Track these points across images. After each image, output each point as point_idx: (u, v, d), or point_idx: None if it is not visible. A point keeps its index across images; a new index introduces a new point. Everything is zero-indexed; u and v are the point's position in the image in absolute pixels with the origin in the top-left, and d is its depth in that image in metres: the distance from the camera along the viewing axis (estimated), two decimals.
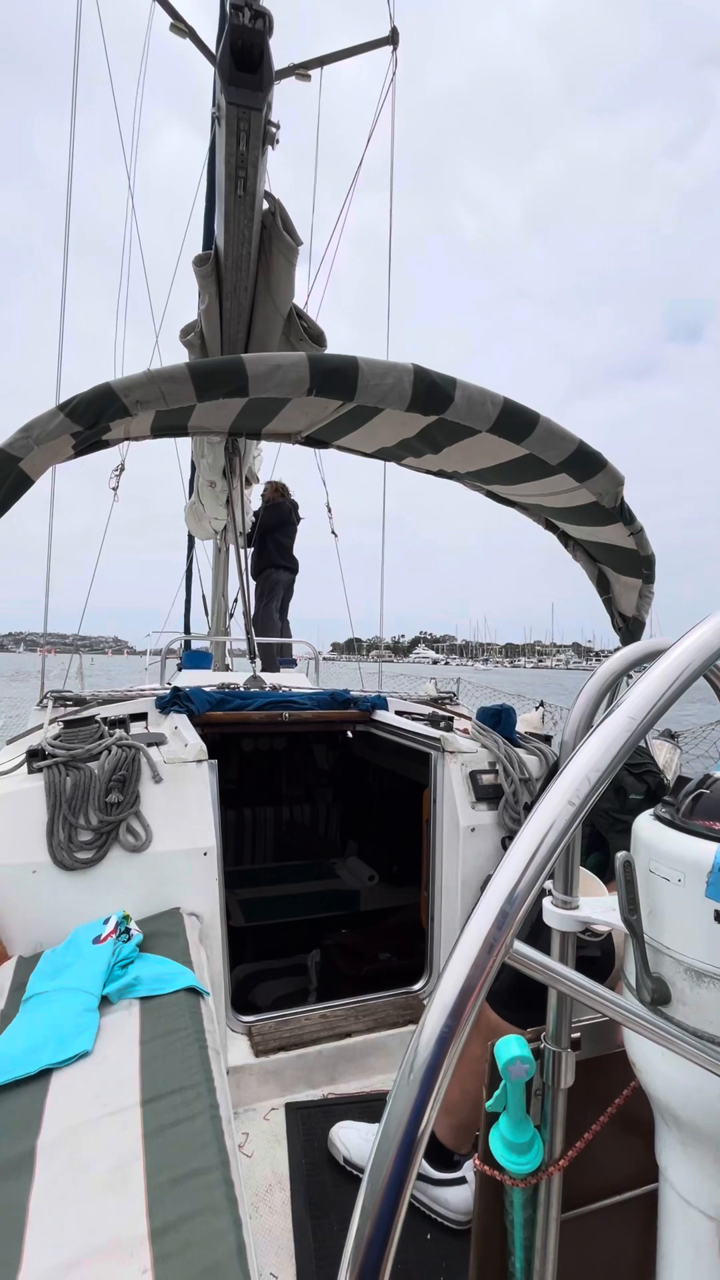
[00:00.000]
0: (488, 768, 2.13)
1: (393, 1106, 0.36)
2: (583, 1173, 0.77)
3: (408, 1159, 0.35)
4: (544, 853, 0.42)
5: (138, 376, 1.38)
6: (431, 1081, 0.36)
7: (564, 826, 0.42)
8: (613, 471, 1.76)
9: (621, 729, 0.47)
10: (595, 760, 0.45)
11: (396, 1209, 0.34)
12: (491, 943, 0.38)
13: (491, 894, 0.40)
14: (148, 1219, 0.78)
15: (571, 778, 0.45)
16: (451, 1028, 0.36)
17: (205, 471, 3.41)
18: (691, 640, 0.53)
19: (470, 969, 0.38)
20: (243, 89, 1.87)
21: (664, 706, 0.51)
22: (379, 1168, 0.35)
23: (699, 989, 0.61)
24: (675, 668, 0.51)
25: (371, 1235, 0.34)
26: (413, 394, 1.54)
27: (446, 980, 0.38)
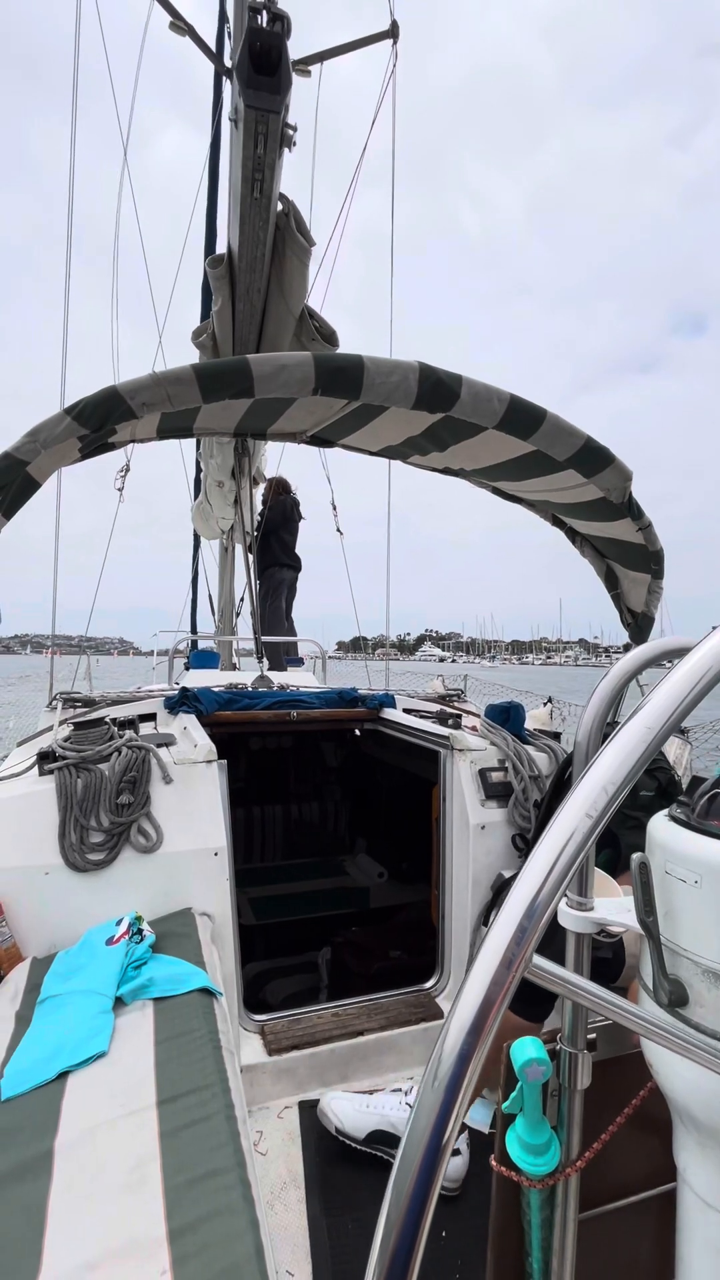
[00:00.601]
0: (497, 765, 2.12)
1: (415, 1118, 0.36)
2: (600, 1173, 0.77)
3: (432, 1170, 0.35)
4: (562, 865, 0.41)
5: (143, 379, 1.38)
6: (454, 1096, 0.36)
7: (581, 839, 0.42)
8: (620, 466, 1.74)
9: (639, 739, 0.46)
10: (612, 772, 0.45)
11: (421, 1220, 0.34)
12: (510, 958, 0.38)
13: (510, 908, 0.40)
14: (166, 1220, 0.78)
15: (588, 790, 0.45)
16: (472, 1043, 0.36)
17: (213, 472, 3.42)
18: (709, 645, 0.52)
19: (489, 985, 0.38)
20: (261, 92, 1.86)
21: (681, 715, 0.50)
22: (403, 1178, 0.35)
23: (717, 990, 0.60)
24: (692, 675, 0.51)
25: (396, 1246, 0.34)
26: (418, 392, 1.53)
27: (466, 995, 0.38)
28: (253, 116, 1.89)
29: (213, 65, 5.30)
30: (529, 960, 0.39)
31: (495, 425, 1.62)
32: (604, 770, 0.46)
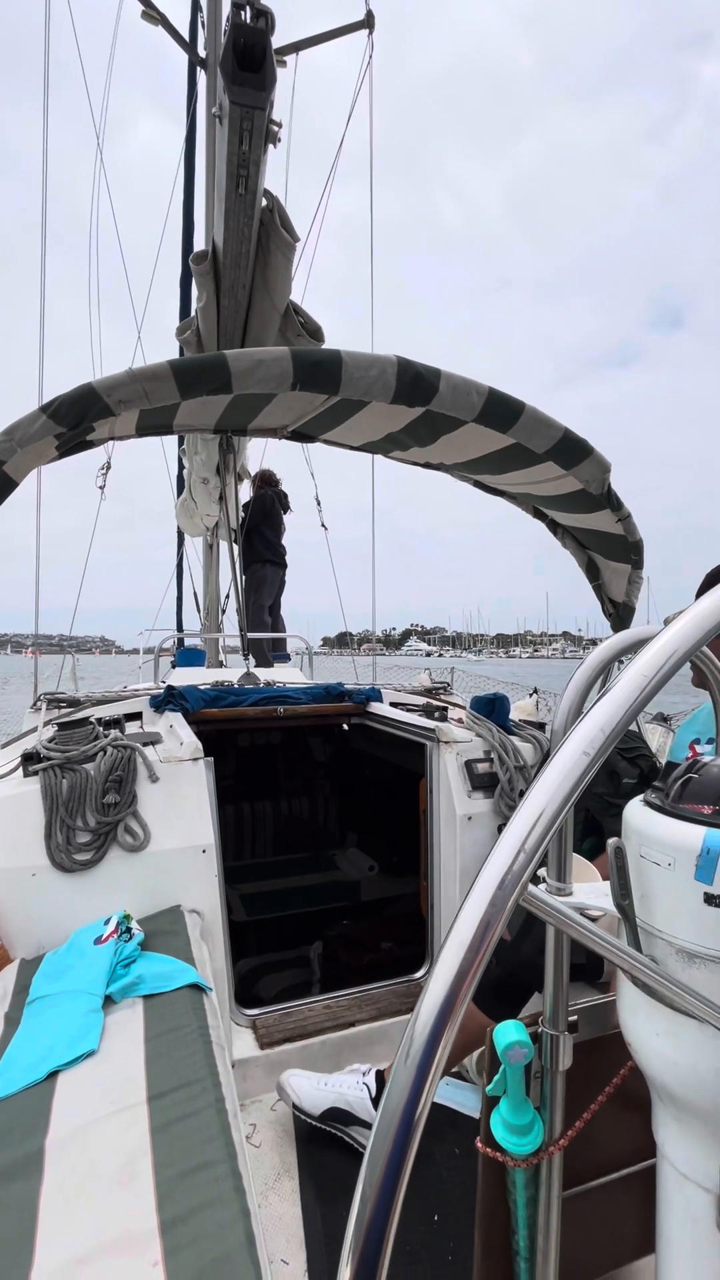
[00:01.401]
0: (483, 756, 2.14)
1: (391, 1090, 0.37)
2: (583, 1151, 0.78)
3: (406, 1142, 0.36)
4: (531, 843, 0.42)
5: (120, 376, 1.37)
6: (425, 1072, 0.37)
7: (550, 819, 0.43)
8: (599, 458, 1.76)
9: (613, 711, 0.48)
10: (586, 741, 0.46)
11: (396, 1190, 0.35)
12: (479, 942, 0.39)
13: (480, 887, 0.41)
14: (157, 1213, 0.79)
15: (565, 759, 0.46)
16: (444, 1019, 0.37)
17: (198, 468, 3.40)
18: (673, 631, 0.53)
19: (461, 961, 0.39)
20: (246, 88, 1.85)
21: (653, 690, 0.52)
22: (379, 1149, 0.36)
23: (690, 969, 0.62)
24: (660, 656, 0.52)
25: (372, 1218, 0.35)
26: (397, 385, 1.53)
27: (439, 972, 0.39)
28: (238, 113, 1.88)
29: (185, 54, 5.24)
30: (493, 944, 0.40)
31: (474, 418, 1.63)
32: (577, 744, 0.47)
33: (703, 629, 0.58)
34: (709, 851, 0.62)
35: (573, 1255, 0.80)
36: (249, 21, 1.77)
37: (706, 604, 0.58)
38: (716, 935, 0.60)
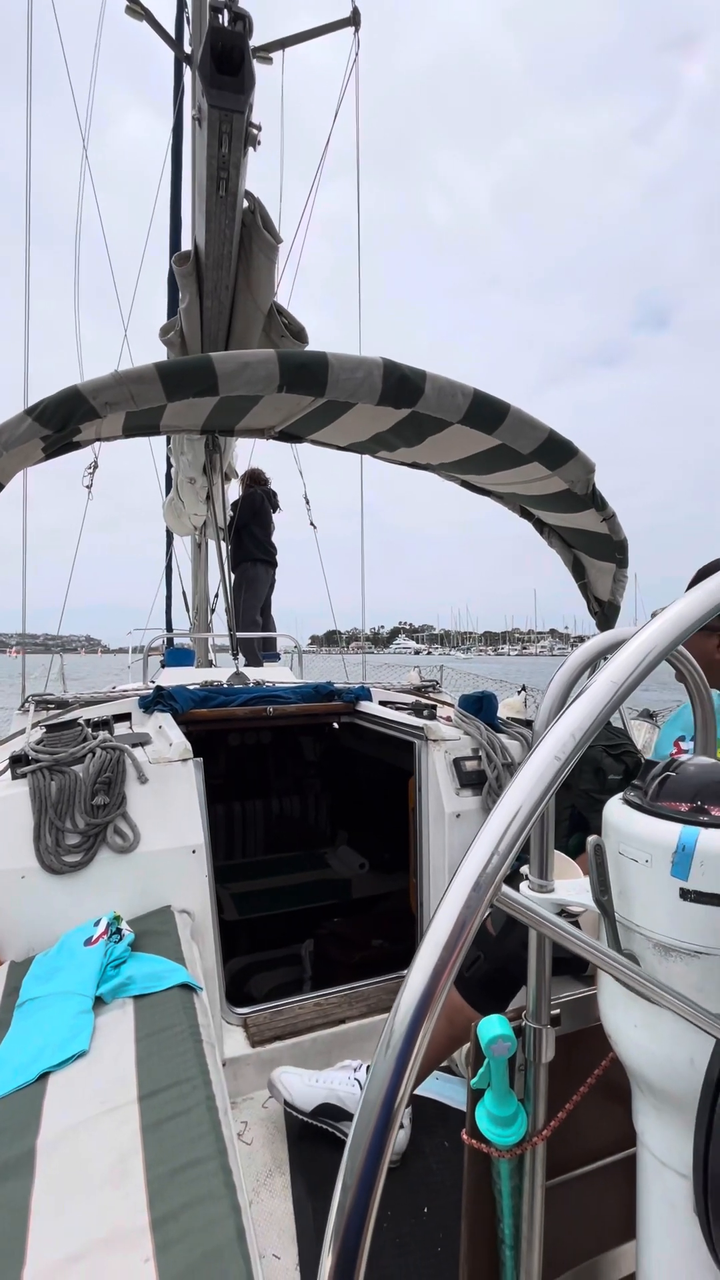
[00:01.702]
0: (471, 754, 2.16)
1: (371, 1082, 0.39)
2: (566, 1141, 0.80)
3: (385, 1131, 0.37)
4: (509, 838, 0.44)
5: (105, 378, 1.37)
6: (406, 1057, 0.38)
7: (526, 816, 0.45)
8: (583, 459, 1.78)
9: (584, 716, 0.49)
10: (558, 746, 0.48)
11: (375, 1179, 0.37)
12: (454, 940, 0.40)
13: (460, 879, 0.43)
14: (148, 1210, 0.80)
15: (537, 764, 0.48)
16: (423, 1010, 0.39)
17: (185, 468, 3.39)
18: (644, 636, 0.55)
19: (440, 954, 0.40)
20: (224, 91, 1.85)
21: (624, 694, 0.53)
22: (359, 1140, 0.37)
23: (666, 962, 0.64)
24: (631, 661, 0.54)
25: (352, 1208, 0.36)
26: (383, 387, 1.55)
27: (418, 964, 0.40)
28: (216, 116, 1.88)
29: (171, 50, 5.20)
30: (468, 942, 0.41)
31: (460, 420, 1.64)
32: (556, 740, 0.48)
33: (675, 632, 0.59)
34: (684, 848, 0.64)
35: (557, 1242, 0.82)
36: (227, 25, 1.77)
37: (678, 608, 0.60)
38: (691, 929, 0.62)
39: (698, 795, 0.70)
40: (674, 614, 0.61)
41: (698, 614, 0.61)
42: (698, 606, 0.60)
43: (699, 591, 0.62)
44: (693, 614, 0.61)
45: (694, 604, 0.60)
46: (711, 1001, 0.61)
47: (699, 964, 0.62)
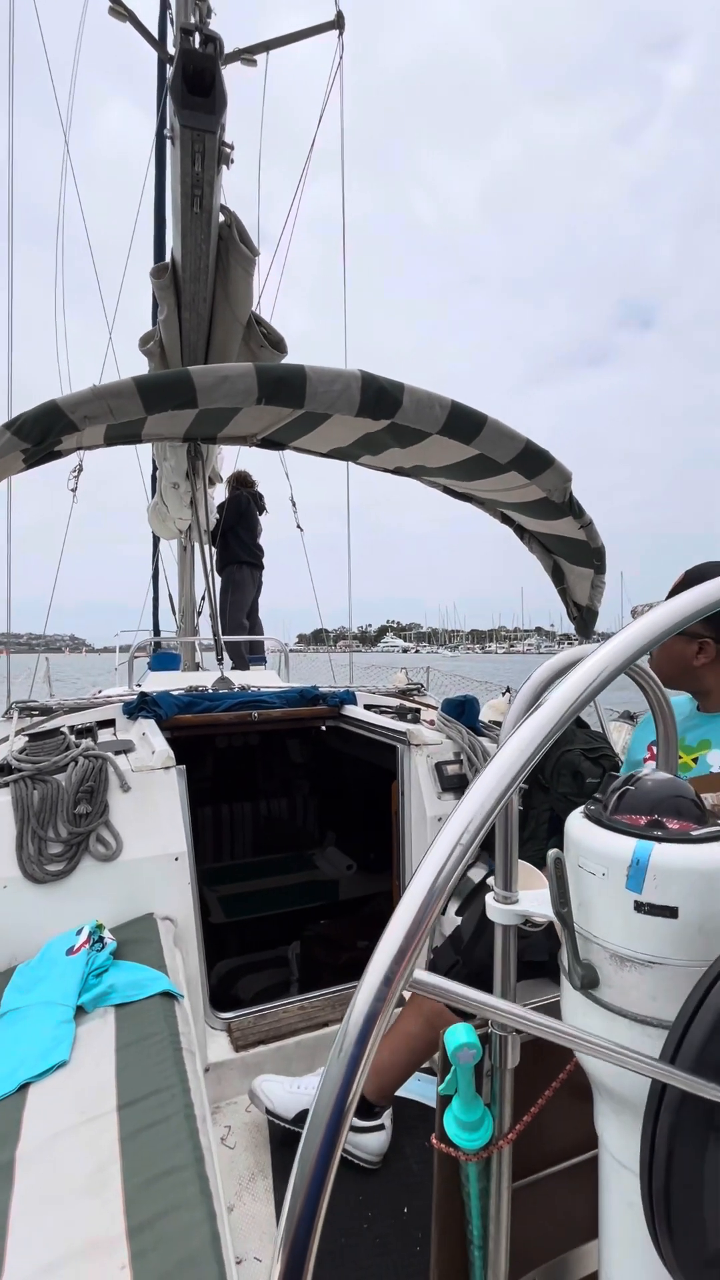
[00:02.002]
0: (452, 758, 2.19)
1: (323, 1086, 0.41)
2: (532, 1144, 0.83)
3: (335, 1134, 0.39)
4: (451, 865, 0.46)
5: (84, 393, 1.38)
6: (356, 1064, 0.40)
7: (487, 812, 0.47)
8: (560, 468, 1.81)
9: (527, 742, 0.51)
10: (506, 765, 0.50)
11: (324, 1182, 0.38)
12: (404, 949, 0.42)
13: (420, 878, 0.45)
14: (125, 1218, 0.82)
15: (487, 782, 0.50)
16: (375, 1012, 0.41)
17: (168, 474, 3.40)
18: (595, 659, 0.57)
19: (391, 960, 0.42)
20: (196, 112, 1.87)
21: (585, 701, 0.56)
22: (310, 1143, 0.39)
23: (622, 972, 0.66)
24: (592, 671, 0.56)
25: (302, 1211, 0.38)
26: (361, 400, 1.56)
27: (369, 976, 0.43)
28: (189, 136, 1.90)
29: (155, 51, 5.19)
30: (420, 954, 0.43)
31: (438, 431, 1.66)
32: (501, 765, 0.50)
33: (628, 652, 0.61)
34: (638, 862, 0.66)
35: (524, 1242, 0.84)
36: (198, 47, 1.78)
37: (631, 630, 0.62)
38: (644, 940, 0.65)
39: (654, 809, 0.73)
40: (626, 637, 0.63)
41: (649, 636, 0.63)
42: (647, 630, 0.62)
43: (652, 615, 0.65)
44: (643, 637, 0.63)
45: (645, 627, 0.62)
46: (664, 1009, 0.64)
47: (652, 973, 0.64)
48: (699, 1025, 0.54)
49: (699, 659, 1.28)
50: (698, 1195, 0.54)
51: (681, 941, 0.63)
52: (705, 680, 1.30)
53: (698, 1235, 0.55)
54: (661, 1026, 0.63)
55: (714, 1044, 0.53)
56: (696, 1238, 0.55)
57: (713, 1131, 0.54)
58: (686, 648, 1.29)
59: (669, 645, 1.31)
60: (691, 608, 0.62)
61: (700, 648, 1.27)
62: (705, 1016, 0.53)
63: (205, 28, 1.78)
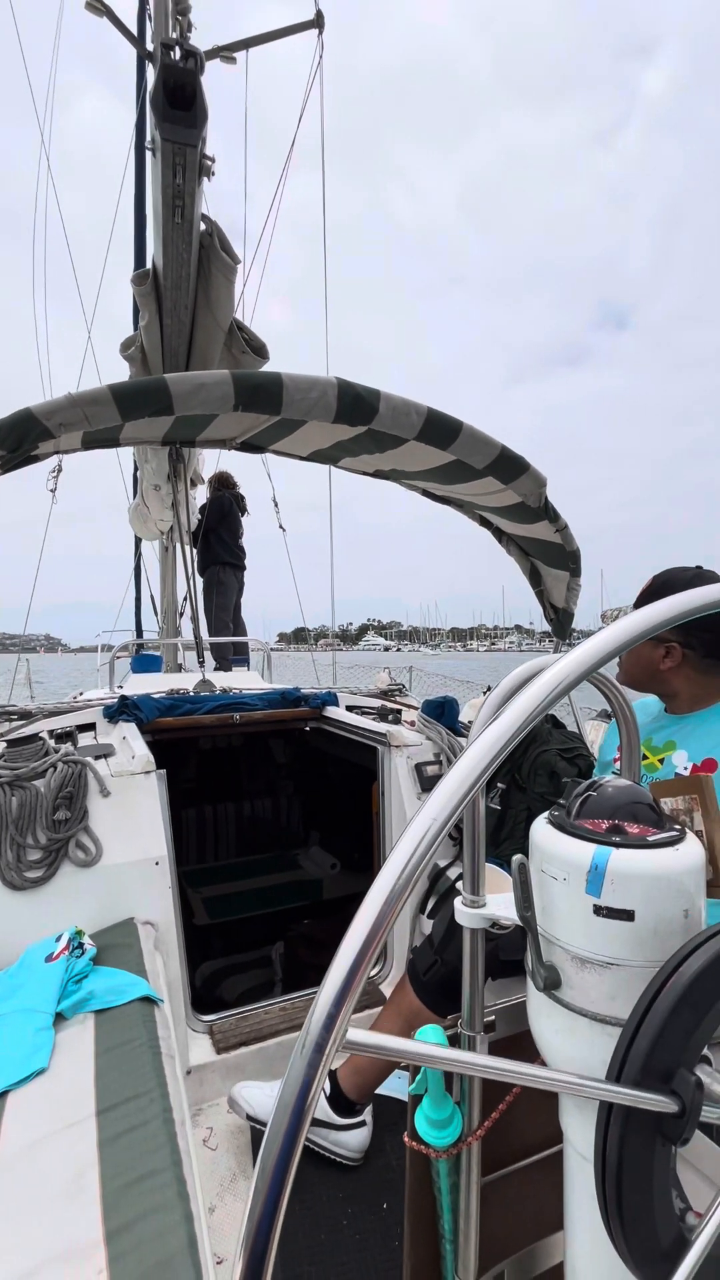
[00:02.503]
0: (432, 759, 2.21)
1: (285, 1084, 0.42)
2: (501, 1140, 0.85)
3: (295, 1133, 0.40)
4: (422, 850, 0.48)
5: (59, 400, 1.37)
6: (315, 1068, 0.42)
7: (448, 815, 0.49)
8: (535, 474, 1.84)
9: (499, 736, 0.54)
10: (463, 775, 0.52)
11: (285, 1180, 0.40)
12: (370, 939, 0.44)
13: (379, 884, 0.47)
14: (103, 1223, 0.83)
15: (445, 791, 0.52)
16: (335, 1014, 0.43)
17: (149, 476, 3.39)
18: (553, 672, 0.59)
19: (357, 952, 0.44)
20: (177, 126, 1.87)
21: (543, 710, 0.58)
22: (272, 1141, 0.41)
23: (582, 973, 0.69)
24: (550, 683, 0.58)
25: (262, 1210, 0.40)
26: (338, 407, 1.58)
27: (332, 973, 0.44)
28: (170, 149, 1.90)
29: (134, 48, 5.14)
30: (373, 958, 0.45)
31: (415, 437, 1.68)
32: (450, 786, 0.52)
33: (586, 665, 0.64)
34: (597, 867, 0.68)
35: (493, 1235, 0.87)
36: (179, 62, 1.78)
37: (589, 645, 0.64)
38: (603, 943, 0.67)
39: (615, 814, 0.75)
40: (589, 647, 0.65)
41: (611, 647, 0.64)
42: (610, 641, 0.64)
43: (615, 627, 0.67)
44: (606, 647, 0.65)
45: (608, 638, 0.64)
46: (621, 1008, 0.66)
47: (610, 974, 0.67)
48: (646, 1030, 0.56)
49: (665, 663, 1.31)
50: (648, 1195, 0.57)
51: (637, 943, 0.66)
52: (672, 683, 1.33)
53: (649, 1232, 0.58)
54: (619, 1025, 0.66)
55: (660, 1048, 0.55)
56: (649, 1234, 0.58)
57: (658, 1135, 0.56)
58: (654, 652, 1.32)
59: (637, 650, 1.34)
60: (654, 620, 0.64)
61: (667, 652, 1.31)
62: (653, 1020, 0.56)
63: (186, 42, 1.78)
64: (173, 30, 1.89)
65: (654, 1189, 0.57)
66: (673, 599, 0.64)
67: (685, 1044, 0.57)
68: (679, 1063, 0.57)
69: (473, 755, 0.55)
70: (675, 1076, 0.57)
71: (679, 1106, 0.55)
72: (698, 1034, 0.58)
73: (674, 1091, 0.56)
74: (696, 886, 0.68)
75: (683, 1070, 0.57)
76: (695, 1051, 0.58)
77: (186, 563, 3.22)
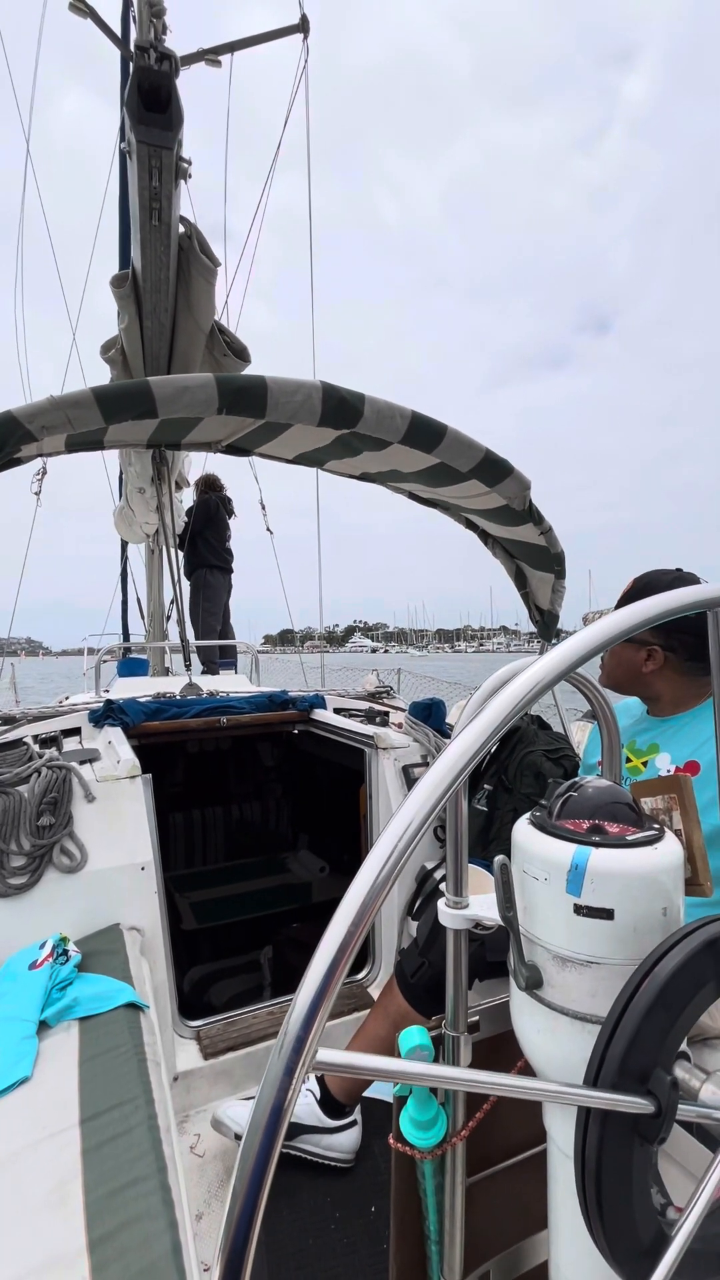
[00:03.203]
0: (419, 761, 2.22)
1: (262, 1088, 0.42)
2: (485, 1140, 0.85)
3: (273, 1135, 0.41)
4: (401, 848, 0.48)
5: (41, 403, 1.37)
6: (294, 1065, 0.42)
7: (425, 815, 0.50)
8: (519, 476, 1.85)
9: (477, 735, 0.54)
10: (440, 775, 0.53)
11: (263, 1182, 0.40)
12: (346, 942, 0.44)
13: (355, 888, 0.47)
14: (86, 1232, 0.82)
15: (421, 794, 0.52)
16: (311, 1017, 0.43)
17: (134, 479, 3.37)
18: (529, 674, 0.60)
19: (335, 951, 0.44)
20: (152, 128, 1.87)
21: (520, 711, 0.58)
22: (250, 1143, 0.41)
23: (563, 972, 0.69)
24: (527, 683, 0.58)
25: (240, 1212, 0.40)
26: (322, 410, 1.58)
27: (311, 973, 0.44)
28: (145, 151, 1.90)
29: (117, 48, 5.13)
30: (351, 959, 0.46)
31: (399, 440, 1.69)
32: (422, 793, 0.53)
33: (561, 667, 0.64)
34: (577, 867, 0.69)
35: (479, 1234, 0.87)
36: (154, 65, 1.78)
37: (564, 647, 0.65)
38: (584, 942, 0.68)
39: (595, 814, 0.76)
40: (568, 647, 0.66)
41: (589, 647, 0.65)
42: (587, 641, 0.64)
43: (592, 628, 0.67)
44: (584, 647, 0.65)
45: (585, 639, 0.65)
46: (602, 1006, 0.67)
47: (590, 973, 0.68)
48: (621, 1032, 0.57)
49: (648, 665, 1.32)
50: (628, 1194, 0.58)
51: (617, 941, 0.66)
52: (654, 686, 1.35)
53: (630, 1230, 0.58)
54: (599, 1022, 0.67)
55: (636, 1050, 0.56)
56: (629, 1233, 0.59)
57: (636, 1136, 0.57)
58: (636, 655, 1.33)
59: (619, 652, 1.35)
60: (633, 620, 0.65)
61: (649, 655, 1.32)
62: (628, 1022, 0.57)
63: (160, 45, 1.78)
64: (148, 33, 1.89)
65: (633, 1188, 0.58)
66: (652, 600, 0.65)
67: (661, 1044, 0.58)
68: (654, 1063, 0.58)
69: (451, 754, 0.55)
70: (651, 1077, 0.57)
71: (655, 1107, 0.56)
72: (673, 1033, 0.58)
73: (650, 1092, 0.57)
74: (675, 884, 0.69)
75: (659, 1070, 0.57)
76: (671, 1050, 0.59)
77: (172, 566, 3.20)
